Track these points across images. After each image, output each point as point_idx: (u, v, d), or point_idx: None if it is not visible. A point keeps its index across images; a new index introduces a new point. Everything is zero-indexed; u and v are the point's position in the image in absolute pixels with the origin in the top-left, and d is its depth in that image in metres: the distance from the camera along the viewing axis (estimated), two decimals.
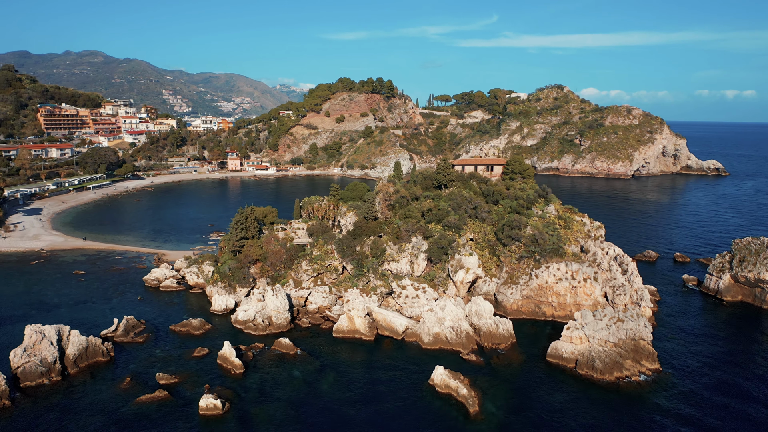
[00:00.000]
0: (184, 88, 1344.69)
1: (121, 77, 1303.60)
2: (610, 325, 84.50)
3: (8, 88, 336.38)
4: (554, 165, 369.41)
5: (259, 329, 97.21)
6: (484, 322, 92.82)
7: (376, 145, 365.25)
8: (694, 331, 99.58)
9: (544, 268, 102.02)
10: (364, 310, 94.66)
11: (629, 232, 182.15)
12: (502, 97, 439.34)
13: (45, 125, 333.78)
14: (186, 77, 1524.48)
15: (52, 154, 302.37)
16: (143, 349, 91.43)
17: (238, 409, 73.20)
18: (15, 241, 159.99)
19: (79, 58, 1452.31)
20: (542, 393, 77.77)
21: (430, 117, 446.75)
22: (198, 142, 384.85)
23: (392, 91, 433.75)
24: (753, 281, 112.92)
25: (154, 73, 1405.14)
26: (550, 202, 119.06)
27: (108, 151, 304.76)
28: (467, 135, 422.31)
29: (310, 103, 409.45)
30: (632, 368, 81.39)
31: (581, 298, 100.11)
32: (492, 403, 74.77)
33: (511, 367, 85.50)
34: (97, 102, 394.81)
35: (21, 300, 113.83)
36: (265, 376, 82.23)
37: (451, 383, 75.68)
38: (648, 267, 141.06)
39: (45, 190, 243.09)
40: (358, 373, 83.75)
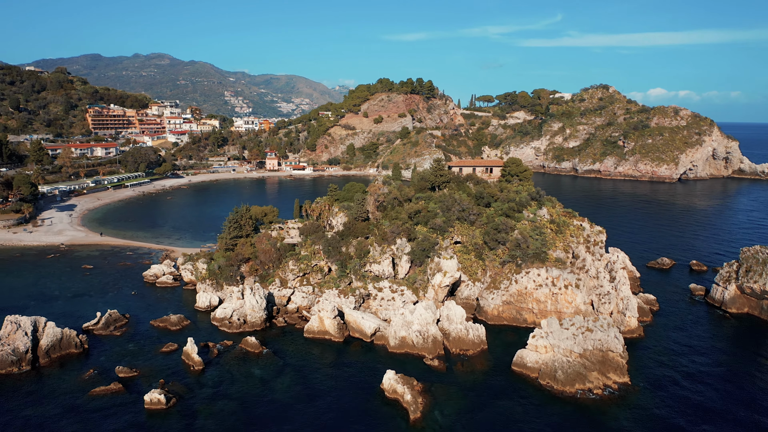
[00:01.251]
0: (245, 89, 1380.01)
1: (185, 79, 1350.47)
2: (577, 335, 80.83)
3: (60, 89, 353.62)
4: (596, 167, 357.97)
5: (233, 327, 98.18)
6: (454, 327, 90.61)
7: (411, 146, 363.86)
8: (684, 345, 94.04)
9: (524, 273, 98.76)
10: (333, 311, 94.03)
11: (654, 238, 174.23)
12: (546, 97, 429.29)
13: (93, 125, 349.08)
14: (248, 79, 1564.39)
15: (97, 153, 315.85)
16: (118, 342, 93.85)
17: (185, 404, 74.01)
18: (39, 236, 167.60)
19: (147, 61, 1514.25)
20: (495, 403, 75.13)
21: (471, 118, 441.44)
22: (239, 142, 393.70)
23: (432, 92, 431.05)
24: (759, 293, 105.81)
25: (217, 75, 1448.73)
26: (543, 205, 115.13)
27: (148, 150, 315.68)
28: (508, 136, 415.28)
29: (348, 104, 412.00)
30: (597, 381, 77.59)
31: (562, 306, 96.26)
32: (440, 410, 72.77)
33: (473, 374, 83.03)
34: (144, 103, 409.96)
35: (25, 291, 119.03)
36: (224, 374, 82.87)
37: (398, 388, 74.17)
38: (659, 275, 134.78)
39: (83, 188, 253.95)
40: (316, 373, 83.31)
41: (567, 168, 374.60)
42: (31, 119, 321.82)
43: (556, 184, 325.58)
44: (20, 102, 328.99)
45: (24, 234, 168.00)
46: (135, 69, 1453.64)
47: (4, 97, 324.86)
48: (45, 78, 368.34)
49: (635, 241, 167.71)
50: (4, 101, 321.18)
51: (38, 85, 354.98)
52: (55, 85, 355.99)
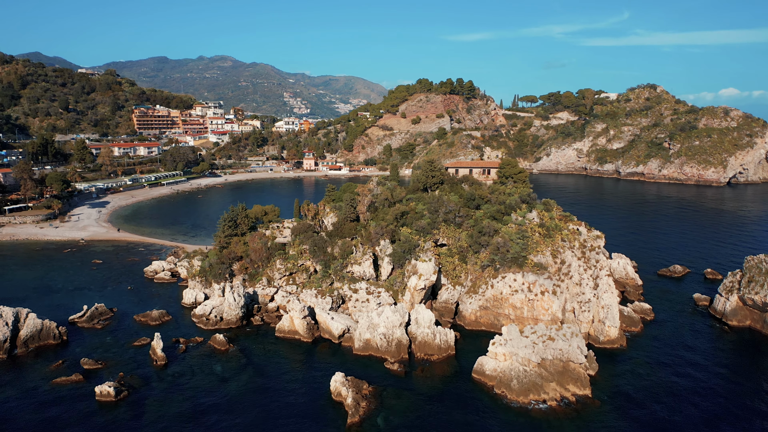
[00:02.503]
0: (304, 90, 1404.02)
1: (246, 80, 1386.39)
2: (537, 343, 77.67)
3: (108, 91, 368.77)
4: (639, 170, 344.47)
5: (209, 324, 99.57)
6: (422, 331, 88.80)
7: (447, 147, 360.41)
8: (668, 359, 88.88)
9: (500, 278, 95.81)
10: (302, 311, 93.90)
11: (678, 244, 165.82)
12: (590, 97, 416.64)
13: (138, 125, 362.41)
14: (307, 80, 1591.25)
15: (140, 152, 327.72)
16: (97, 335, 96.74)
17: (136, 397, 75.51)
18: (64, 231, 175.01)
19: (210, 63, 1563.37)
20: (444, 411, 73.12)
21: (513, 118, 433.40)
22: (279, 142, 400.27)
23: (473, 92, 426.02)
24: (761, 305, 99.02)
25: (277, 77, 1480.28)
26: (533, 208, 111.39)
27: (187, 149, 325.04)
28: (550, 137, 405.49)
29: (386, 104, 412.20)
30: (554, 392, 74.35)
31: (539, 312, 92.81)
32: (385, 416, 71.45)
33: (431, 380, 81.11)
34: (188, 104, 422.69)
35: (32, 283, 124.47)
36: (184, 369, 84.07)
37: (343, 391, 73.31)
38: (668, 283, 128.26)
39: (120, 185, 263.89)
40: (274, 372, 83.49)
41: (609, 170, 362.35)
42: (79, 119, 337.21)
43: (596, 187, 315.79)
44: (69, 103, 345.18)
45: (50, 229, 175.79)
46: (199, 71, 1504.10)
47: (55, 98, 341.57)
48: (95, 80, 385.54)
49: (655, 248, 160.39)
50: (54, 102, 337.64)
51: (88, 86, 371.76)
52: (104, 87, 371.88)
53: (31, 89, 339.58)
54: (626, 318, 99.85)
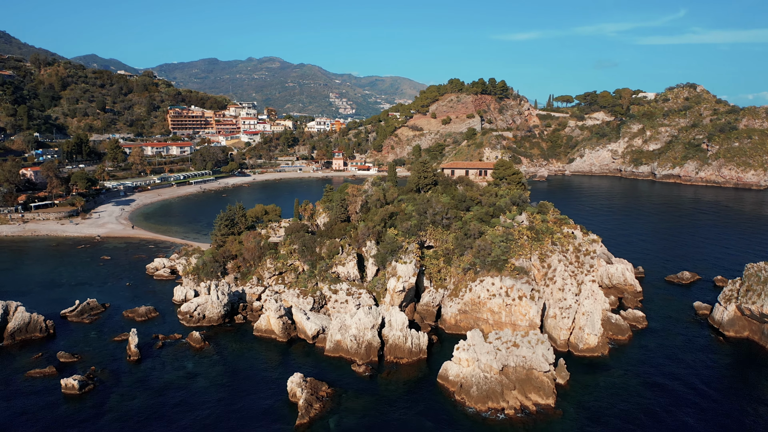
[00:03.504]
0: (350, 91, 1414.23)
1: (293, 81, 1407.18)
2: (500, 350, 75.60)
3: (144, 92, 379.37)
4: (675, 172, 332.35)
5: (192, 321, 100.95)
6: (393, 334, 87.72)
7: (475, 147, 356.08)
8: (649, 371, 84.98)
9: (478, 282, 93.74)
10: (278, 310, 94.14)
11: (695, 250, 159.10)
12: (627, 97, 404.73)
13: (172, 125, 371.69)
14: (354, 80, 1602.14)
15: (173, 152, 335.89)
16: (84, 329, 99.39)
17: (101, 391, 77.17)
18: (83, 228, 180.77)
19: (259, 64, 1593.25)
20: (400, 415, 72.03)
21: (548, 119, 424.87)
22: (309, 142, 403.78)
23: (505, 92, 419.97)
24: (758, 315, 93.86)
25: (324, 77, 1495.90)
26: (524, 211, 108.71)
27: (216, 149, 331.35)
28: (584, 138, 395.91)
29: (417, 104, 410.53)
30: (514, 401, 72.18)
31: (516, 317, 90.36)
32: (338, 418, 70.91)
33: (395, 384, 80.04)
34: (223, 104, 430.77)
35: (38, 278, 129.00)
36: (156, 365, 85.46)
37: (297, 391, 73.14)
38: (673, 289, 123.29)
39: (148, 184, 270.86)
40: (242, 370, 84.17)
41: (645, 172, 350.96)
42: (115, 119, 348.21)
43: (631, 190, 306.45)
44: (107, 103, 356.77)
45: (70, 225, 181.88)
46: (248, 72, 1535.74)
47: (93, 99, 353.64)
48: (132, 81, 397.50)
49: (673, 253, 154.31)
50: (93, 103, 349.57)
51: (126, 88, 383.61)
52: (140, 88, 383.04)
53: (71, 90, 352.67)
54: (613, 326, 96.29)
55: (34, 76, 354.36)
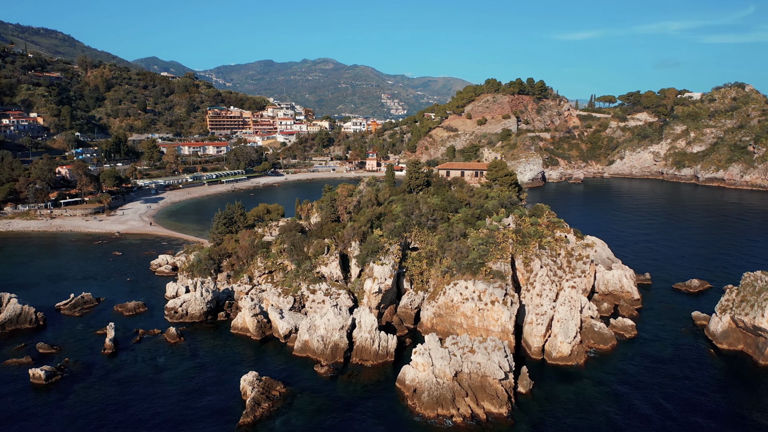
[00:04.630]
0: (402, 91, 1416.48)
1: (346, 82, 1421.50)
2: (456, 355, 73.77)
3: (185, 93, 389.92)
4: (719, 175, 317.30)
5: (175, 317, 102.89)
6: (362, 335, 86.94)
7: (509, 149, 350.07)
8: (623, 385, 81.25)
9: (452, 285, 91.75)
10: (252, 309, 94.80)
11: (720, 257, 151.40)
12: (671, 97, 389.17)
13: (210, 125, 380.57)
14: (406, 81, 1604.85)
15: (209, 151, 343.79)
16: (73, 322, 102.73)
17: (67, 382, 79.56)
18: (104, 224, 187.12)
19: (313, 66, 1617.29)
20: (350, 418, 71.38)
21: (588, 119, 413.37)
22: (344, 143, 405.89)
23: (544, 92, 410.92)
24: (751, 328, 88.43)
25: (376, 78, 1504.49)
26: (511, 213, 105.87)
27: (250, 149, 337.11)
28: (625, 139, 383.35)
29: (452, 105, 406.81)
30: (465, 408, 70.22)
31: (489, 323, 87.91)
32: (286, 418, 70.88)
33: (353, 386, 79.26)
34: (261, 105, 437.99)
35: (48, 271, 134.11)
36: (128, 359, 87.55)
37: (248, 390, 73.37)
38: (678, 297, 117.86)
39: (179, 182, 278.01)
40: (209, 366, 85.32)
41: (687, 175, 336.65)
42: (155, 120, 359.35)
43: (671, 193, 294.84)
44: (148, 104, 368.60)
45: (93, 222, 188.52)
46: (302, 73, 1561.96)
47: (135, 99, 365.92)
48: (174, 83, 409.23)
49: (688, 262, 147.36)
50: (134, 103, 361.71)
51: (167, 89, 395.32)
52: (181, 89, 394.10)
53: (114, 91, 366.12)
54: (596, 334, 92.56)
55: (81, 78, 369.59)
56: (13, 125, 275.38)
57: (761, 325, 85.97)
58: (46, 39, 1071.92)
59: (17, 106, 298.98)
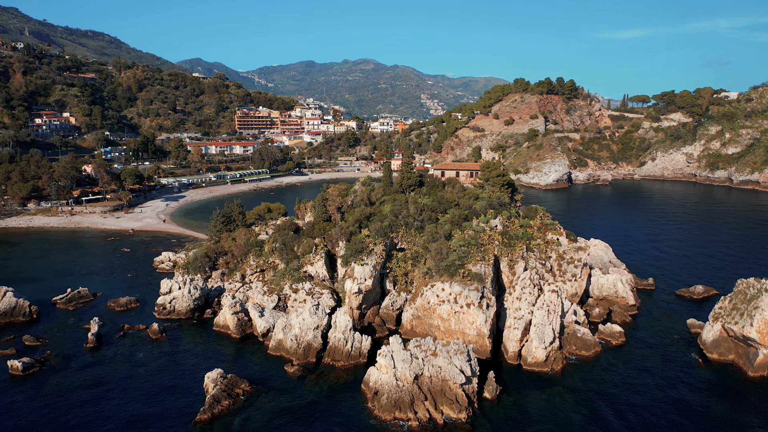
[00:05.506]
0: (442, 92, 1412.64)
1: (386, 83, 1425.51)
2: (418, 357, 72.69)
3: (214, 93, 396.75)
4: (754, 178, 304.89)
5: (163, 313, 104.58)
6: (335, 336, 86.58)
7: (535, 149, 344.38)
8: (597, 396, 78.66)
9: (429, 287, 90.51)
10: (232, 307, 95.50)
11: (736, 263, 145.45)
12: (707, 97, 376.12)
13: (238, 125, 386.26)
14: (447, 82, 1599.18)
15: (236, 151, 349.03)
16: (66, 316, 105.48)
17: (44, 374, 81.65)
18: (122, 221, 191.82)
19: (353, 66, 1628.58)
20: (309, 419, 71.08)
21: (620, 120, 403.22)
22: (371, 143, 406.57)
23: (574, 92, 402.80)
24: (740, 337, 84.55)
25: (416, 79, 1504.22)
26: (499, 215, 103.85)
27: (275, 149, 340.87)
28: (658, 140, 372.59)
29: (480, 105, 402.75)
30: (423, 412, 69.08)
31: (464, 326, 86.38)
32: (245, 417, 71.09)
33: (320, 387, 78.95)
34: (290, 105, 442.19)
35: (57, 267, 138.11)
36: (108, 353, 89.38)
37: (210, 387, 73.88)
38: (679, 304, 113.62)
39: (203, 181, 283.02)
40: (184, 363, 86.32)
41: (721, 178, 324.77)
42: (184, 119, 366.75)
43: (701, 196, 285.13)
44: (179, 104, 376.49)
45: (111, 219, 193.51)
46: (342, 74, 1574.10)
47: (166, 100, 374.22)
48: (204, 83, 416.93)
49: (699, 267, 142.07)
50: (165, 104, 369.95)
51: (198, 89, 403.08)
52: (211, 89, 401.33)
53: (146, 92, 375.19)
54: (579, 340, 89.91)
55: (115, 78, 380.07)
56: (45, 125, 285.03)
57: (750, 334, 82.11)
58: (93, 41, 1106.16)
59: (51, 106, 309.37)
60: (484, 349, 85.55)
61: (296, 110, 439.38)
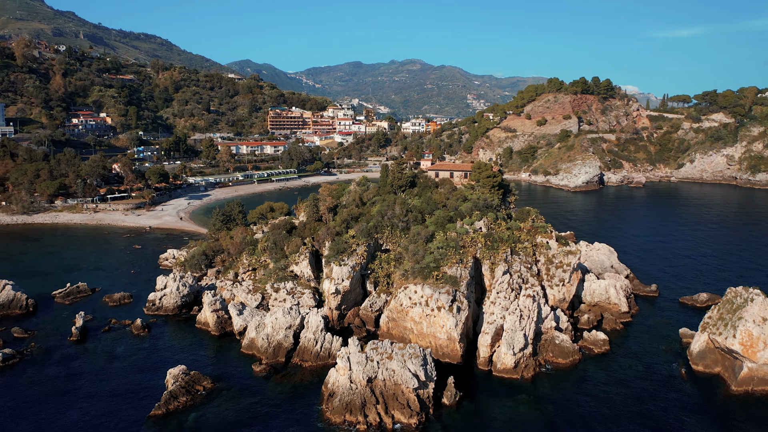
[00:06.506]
0: (489, 92, 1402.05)
1: (432, 83, 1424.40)
2: (373, 360, 71.80)
3: (248, 93, 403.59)
4: None
5: (152, 309, 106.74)
6: (306, 336, 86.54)
7: (566, 150, 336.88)
8: (563, 409, 76.29)
9: (403, 289, 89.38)
10: (212, 304, 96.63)
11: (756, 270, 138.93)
12: (751, 96, 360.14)
13: (270, 125, 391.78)
14: (494, 82, 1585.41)
15: (267, 151, 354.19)
16: (61, 310, 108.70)
17: (25, 366, 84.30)
18: (141, 219, 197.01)
19: (400, 67, 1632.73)
20: (264, 418, 71.18)
21: (659, 120, 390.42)
22: (402, 143, 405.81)
23: (610, 92, 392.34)
24: (725, 349, 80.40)
25: (463, 79, 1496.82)
26: (484, 216, 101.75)
27: (303, 149, 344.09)
28: (697, 142, 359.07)
29: (512, 105, 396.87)
30: (374, 416, 68.17)
31: (435, 329, 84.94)
32: (200, 414, 71.62)
33: (284, 386, 78.99)
34: (323, 106, 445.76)
35: (68, 262, 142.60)
36: (90, 347, 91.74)
37: (170, 382, 74.90)
38: (678, 312, 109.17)
39: (229, 180, 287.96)
40: (159, 358, 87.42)
41: (762, 181, 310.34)
42: (218, 120, 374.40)
43: (741, 200, 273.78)
44: (213, 105, 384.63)
45: (131, 217, 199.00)
46: (389, 75, 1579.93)
47: (201, 100, 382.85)
48: (239, 84, 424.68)
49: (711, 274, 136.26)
50: (200, 104, 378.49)
51: (233, 90, 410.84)
52: (245, 90, 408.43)
53: (182, 92, 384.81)
54: (556, 347, 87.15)
55: (153, 80, 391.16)
56: (81, 124, 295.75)
57: (732, 346, 77.92)
58: (145, 44, 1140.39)
59: (89, 107, 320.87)
60: (455, 354, 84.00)
61: (329, 110, 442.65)
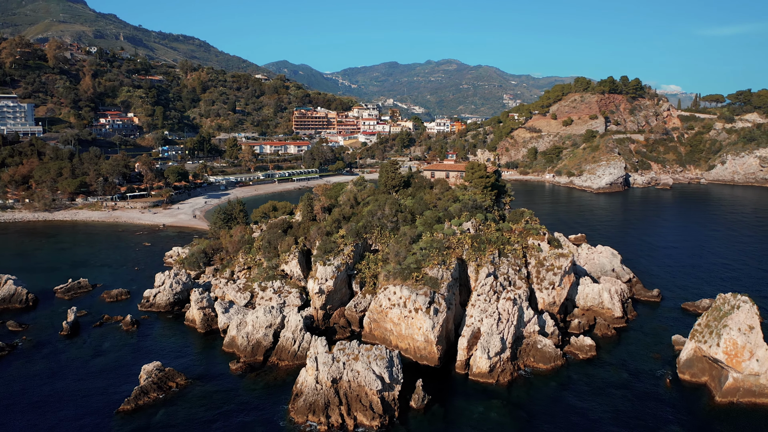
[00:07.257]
0: (526, 92, 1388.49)
1: (468, 83, 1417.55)
2: (339, 361, 71.43)
3: (274, 94, 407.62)
4: None
5: (145, 306, 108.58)
6: (285, 335, 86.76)
7: (590, 151, 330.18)
8: (531, 415, 74.63)
9: (383, 289, 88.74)
10: (198, 302, 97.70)
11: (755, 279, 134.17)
12: None
13: (295, 125, 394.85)
14: (531, 82, 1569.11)
15: (290, 150, 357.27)
16: (60, 304, 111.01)
17: (12, 358, 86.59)
18: (156, 217, 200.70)
19: (436, 67, 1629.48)
20: (230, 416, 71.57)
21: (691, 120, 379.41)
22: (426, 143, 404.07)
23: (640, 91, 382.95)
24: (711, 358, 77.43)
25: (499, 79, 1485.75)
26: (473, 217, 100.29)
27: (326, 149, 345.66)
28: (730, 142, 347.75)
29: (538, 105, 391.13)
30: (336, 417, 67.80)
31: (413, 331, 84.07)
32: (170, 411, 72.40)
33: (256, 385, 79.33)
34: (348, 106, 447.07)
35: (78, 258, 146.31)
36: (79, 341, 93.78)
37: (143, 378, 76.09)
38: (677, 318, 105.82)
39: (250, 180, 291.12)
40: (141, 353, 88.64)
41: None
42: (243, 119, 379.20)
43: None
44: (239, 105, 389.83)
45: (147, 215, 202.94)
46: (425, 75, 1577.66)
47: (227, 101, 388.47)
48: (265, 84, 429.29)
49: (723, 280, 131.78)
50: (226, 105, 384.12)
51: (259, 90, 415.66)
52: (271, 90, 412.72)
53: (209, 93, 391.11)
54: (538, 352, 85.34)
55: (181, 80, 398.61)
56: (109, 124, 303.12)
57: (716, 355, 75.02)
58: (183, 45, 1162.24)
59: (117, 107, 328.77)
60: (432, 357, 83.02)
61: (353, 110, 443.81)
